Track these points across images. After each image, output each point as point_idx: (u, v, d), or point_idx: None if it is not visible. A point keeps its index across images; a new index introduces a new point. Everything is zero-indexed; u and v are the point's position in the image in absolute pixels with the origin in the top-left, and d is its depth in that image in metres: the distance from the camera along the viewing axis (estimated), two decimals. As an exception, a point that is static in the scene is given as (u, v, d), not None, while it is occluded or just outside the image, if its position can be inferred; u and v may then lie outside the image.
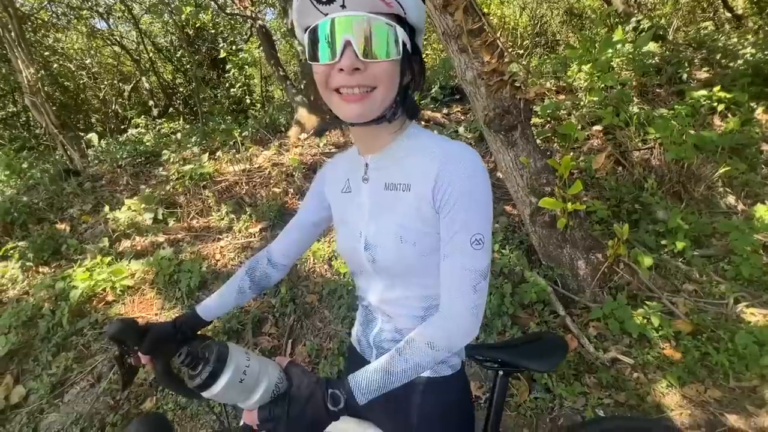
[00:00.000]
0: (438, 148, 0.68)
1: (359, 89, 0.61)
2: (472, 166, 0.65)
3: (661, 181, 3.06)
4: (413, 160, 0.70)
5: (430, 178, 0.67)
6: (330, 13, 0.57)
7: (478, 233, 0.65)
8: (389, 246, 0.71)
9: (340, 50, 0.58)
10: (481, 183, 0.66)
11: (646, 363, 1.95)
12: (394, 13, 0.59)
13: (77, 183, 3.74)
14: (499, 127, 2.28)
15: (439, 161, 0.66)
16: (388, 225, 0.72)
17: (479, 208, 0.66)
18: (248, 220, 2.97)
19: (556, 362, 0.96)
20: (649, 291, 2.34)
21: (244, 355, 0.60)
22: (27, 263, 2.83)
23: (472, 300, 0.66)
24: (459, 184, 0.65)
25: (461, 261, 0.65)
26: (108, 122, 10.38)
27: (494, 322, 2.19)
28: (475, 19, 2.05)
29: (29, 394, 1.96)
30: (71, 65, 9.90)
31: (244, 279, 0.91)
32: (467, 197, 0.65)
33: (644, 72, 4.22)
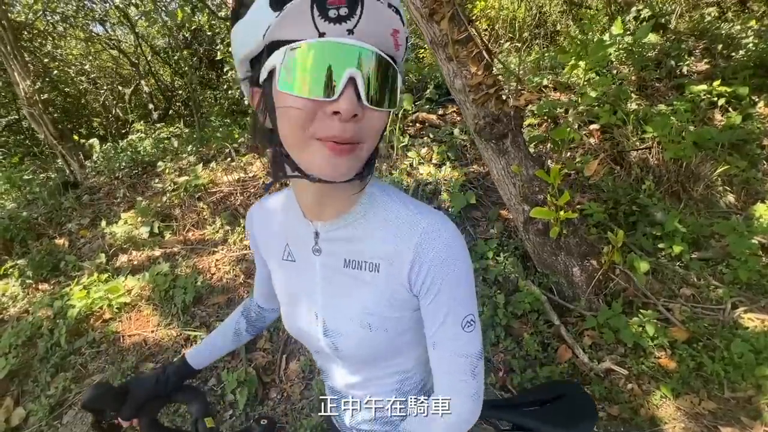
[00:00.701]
0: (411, 223, 0.58)
1: (350, 142, 0.47)
2: (453, 244, 0.57)
3: (660, 181, 3.01)
4: (382, 235, 0.59)
5: (405, 259, 0.57)
6: (328, 34, 0.42)
7: (469, 314, 0.59)
8: (353, 334, 0.62)
9: (341, 87, 0.43)
10: (463, 260, 0.58)
11: (641, 373, 1.93)
12: (392, 56, 0.47)
13: (75, 196, 3.76)
14: (490, 135, 2.25)
15: (416, 239, 0.57)
16: (351, 310, 0.62)
17: (465, 288, 0.59)
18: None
19: (585, 431, 0.81)
20: (645, 297, 2.31)
21: None
22: (27, 281, 2.87)
23: (472, 387, 0.60)
24: (441, 266, 0.56)
25: (454, 349, 0.59)
26: (109, 126, 10.42)
27: (488, 333, 2.18)
28: (461, 29, 2.01)
29: (29, 416, 2.00)
30: (71, 71, 9.94)
31: (240, 320, 0.89)
32: (452, 280, 0.57)
33: (643, 66, 4.14)
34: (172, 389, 0.80)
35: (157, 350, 2.28)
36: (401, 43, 0.47)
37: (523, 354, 2.08)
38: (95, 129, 10.72)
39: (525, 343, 2.11)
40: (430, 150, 3.52)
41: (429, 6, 2.05)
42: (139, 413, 0.77)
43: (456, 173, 3.21)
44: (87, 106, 10.74)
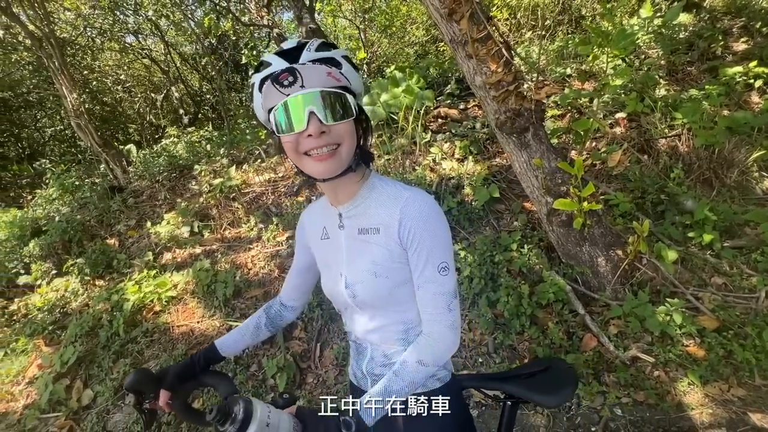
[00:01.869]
0: (398, 195, 0.81)
1: (327, 148, 0.73)
2: (428, 208, 0.78)
3: (690, 169, 2.94)
4: (379, 209, 0.82)
5: (394, 221, 0.79)
6: (291, 93, 0.70)
7: (443, 261, 0.78)
8: (366, 281, 0.83)
9: (306, 119, 0.70)
10: (437, 220, 0.79)
11: (668, 361, 1.95)
12: (342, 85, 0.74)
13: (122, 199, 4.07)
14: (511, 129, 2.29)
15: (400, 207, 0.79)
16: (364, 263, 0.83)
17: (439, 241, 0.78)
18: (275, 229, 3.15)
19: (565, 397, 0.94)
20: (674, 286, 2.30)
21: (266, 409, 0.67)
22: (85, 277, 3.16)
23: (449, 318, 0.79)
24: (419, 223, 0.77)
25: (433, 288, 0.79)
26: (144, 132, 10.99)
27: (512, 322, 2.25)
28: (480, 27, 2.06)
29: (96, 396, 2.24)
30: (108, 81, 10.53)
31: (261, 316, 1.04)
32: (428, 234, 0.77)
33: (674, 49, 4.00)
34: (200, 372, 0.92)
35: (203, 339, 2.48)
36: (338, 77, 0.73)
37: (548, 342, 2.14)
38: (131, 135, 11.34)
39: (550, 332, 2.16)
40: (452, 145, 3.57)
41: (448, 6, 2.11)
42: (172, 396, 0.88)
43: (479, 167, 3.26)
44: (123, 113, 11.35)
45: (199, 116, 10.82)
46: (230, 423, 0.64)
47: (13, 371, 2.51)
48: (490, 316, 2.33)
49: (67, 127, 10.31)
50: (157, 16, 7.09)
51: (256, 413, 0.65)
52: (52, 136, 11.07)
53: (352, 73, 0.77)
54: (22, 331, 2.82)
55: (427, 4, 2.22)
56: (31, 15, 5.09)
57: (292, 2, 4.59)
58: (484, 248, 2.62)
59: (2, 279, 3.40)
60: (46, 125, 10.85)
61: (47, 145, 10.92)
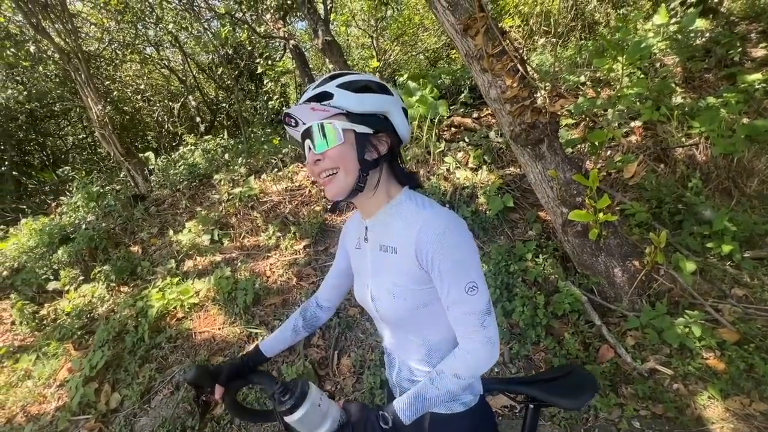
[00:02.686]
0: (416, 217, 0.81)
1: (326, 173, 0.80)
2: (445, 230, 0.76)
3: (708, 178, 2.92)
4: (397, 226, 0.83)
5: (411, 243, 0.79)
6: (299, 131, 0.82)
7: (469, 281, 0.76)
8: (385, 299, 0.85)
9: (306, 152, 0.81)
10: (457, 240, 0.76)
11: (687, 374, 1.94)
12: (334, 114, 0.78)
13: (144, 208, 4.21)
14: (526, 141, 2.32)
15: (416, 228, 0.78)
16: (384, 282, 0.85)
17: (462, 262, 0.76)
18: (293, 238, 3.22)
19: (585, 400, 0.97)
20: (692, 298, 2.29)
21: (319, 393, 0.77)
22: (111, 284, 3.29)
23: (484, 335, 0.78)
24: (437, 247, 0.76)
25: (462, 309, 0.77)
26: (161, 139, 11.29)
27: (528, 332, 2.26)
28: (495, 43, 2.10)
29: (124, 400, 2.33)
30: (128, 90, 10.88)
31: (298, 318, 1.09)
32: (448, 257, 0.76)
33: (690, 56, 3.97)
34: (249, 372, 1.01)
35: (224, 345, 2.55)
36: (326, 108, 0.77)
37: (564, 353, 2.14)
38: (149, 142, 11.66)
39: (566, 343, 2.17)
40: (466, 154, 3.61)
41: (463, 22, 2.16)
42: (225, 391, 0.97)
43: (493, 176, 3.28)
44: (142, 121, 11.69)
45: (215, 124, 11.08)
46: (290, 397, 0.73)
47: (45, 374, 2.63)
48: (505, 326, 2.35)
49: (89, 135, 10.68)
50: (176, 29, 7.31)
51: (311, 394, 0.74)
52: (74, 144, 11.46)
53: (348, 97, 0.78)
54: (53, 336, 2.94)
55: (442, 20, 2.27)
56: (59, 30, 5.32)
57: (307, 15, 4.71)
58: (499, 257, 2.64)
59: (33, 284, 3.55)
60: (68, 133, 11.25)
61: (69, 152, 11.31)
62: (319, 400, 0.75)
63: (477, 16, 2.11)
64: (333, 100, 0.78)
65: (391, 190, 0.86)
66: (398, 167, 0.87)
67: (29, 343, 3.05)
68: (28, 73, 8.06)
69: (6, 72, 8.26)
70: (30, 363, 2.76)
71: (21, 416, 2.40)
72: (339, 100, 0.78)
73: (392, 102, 0.82)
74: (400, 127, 0.84)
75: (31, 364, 2.76)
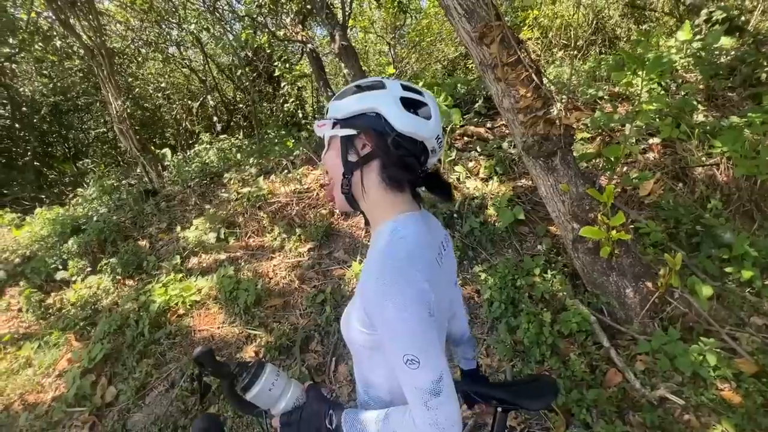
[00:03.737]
0: (374, 253, 0.72)
1: (327, 187, 0.83)
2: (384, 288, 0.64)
3: (728, 200, 2.81)
4: (367, 261, 0.75)
5: (362, 287, 0.70)
6: None
7: (409, 353, 0.63)
8: (344, 324, 0.81)
9: None
10: (394, 306, 0.63)
11: (700, 405, 1.83)
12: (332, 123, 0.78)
13: (155, 203, 4.26)
14: (538, 153, 2.26)
15: (366, 275, 0.70)
16: (351, 307, 0.79)
17: (402, 332, 0.64)
18: (298, 240, 3.21)
19: (547, 402, 1.07)
20: (708, 324, 2.18)
21: (275, 373, 0.79)
22: (116, 277, 3.31)
23: (430, 416, 0.64)
24: (374, 303, 0.66)
25: (403, 378, 0.66)
26: (179, 137, 11.51)
27: (532, 351, 2.18)
28: (510, 52, 2.06)
29: (119, 394, 2.32)
30: (149, 88, 11.14)
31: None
32: (386, 320, 0.64)
33: (714, 74, 3.86)
34: None
35: (223, 345, 2.53)
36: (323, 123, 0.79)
37: (569, 374, 2.06)
38: (167, 139, 11.90)
39: (571, 364, 2.08)
40: (477, 164, 3.55)
41: (479, 30, 2.13)
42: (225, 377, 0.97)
43: (503, 187, 3.22)
44: (161, 118, 11.94)
45: (231, 124, 11.25)
46: (245, 375, 0.78)
47: (46, 363, 2.64)
48: (509, 343, 2.27)
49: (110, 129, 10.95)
50: (198, 30, 7.47)
51: (262, 378, 0.77)
52: (95, 138, 11.75)
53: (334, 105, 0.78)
54: (56, 325, 2.97)
55: (457, 27, 2.24)
56: (85, 26, 5.48)
57: (326, 20, 4.75)
58: (506, 271, 2.57)
59: (42, 273, 3.60)
60: (90, 127, 11.55)
61: (91, 146, 11.60)
62: (271, 385, 0.77)
63: (493, 24, 2.08)
64: (328, 113, 0.80)
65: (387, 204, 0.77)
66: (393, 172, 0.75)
67: (33, 331, 3.08)
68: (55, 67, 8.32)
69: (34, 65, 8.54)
70: (32, 351, 2.79)
71: (18, 404, 2.41)
72: (330, 110, 0.79)
73: (382, 95, 0.74)
74: (393, 120, 0.73)
75: (32, 352, 2.78)
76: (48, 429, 2.22)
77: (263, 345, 2.42)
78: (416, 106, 0.77)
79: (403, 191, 0.78)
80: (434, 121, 0.77)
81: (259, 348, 2.39)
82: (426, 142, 0.77)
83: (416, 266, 0.67)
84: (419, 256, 0.69)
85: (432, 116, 0.77)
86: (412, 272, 0.66)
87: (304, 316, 2.61)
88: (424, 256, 0.71)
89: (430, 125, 0.76)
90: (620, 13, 8.56)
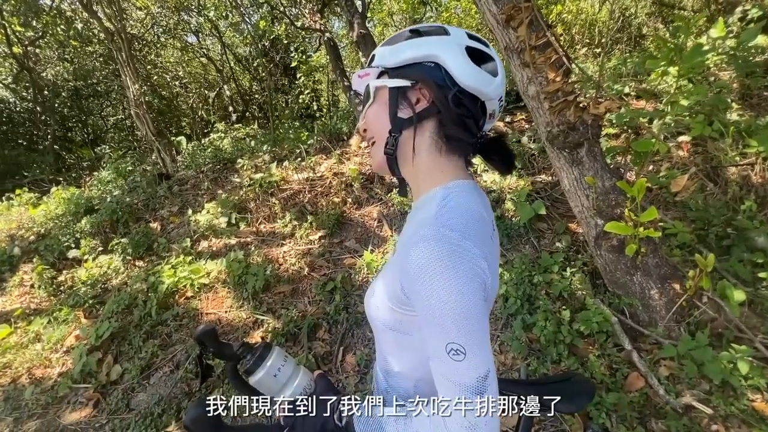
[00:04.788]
0: (424, 223, 0.58)
1: (366, 144, 0.73)
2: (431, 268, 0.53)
3: (764, 203, 2.65)
4: (409, 227, 0.65)
5: (403, 256, 0.57)
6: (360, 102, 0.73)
7: (451, 342, 0.54)
8: (368, 298, 0.73)
9: None
10: (443, 286, 0.53)
11: (729, 415, 1.72)
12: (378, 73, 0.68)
13: (168, 186, 4.26)
14: (563, 144, 2.16)
15: (407, 250, 0.56)
16: (380, 282, 0.70)
17: (450, 316, 0.53)
18: (309, 227, 3.15)
19: (582, 404, 0.96)
20: (739, 331, 2.05)
21: (282, 358, 0.73)
22: (127, 257, 3.31)
23: (462, 418, 0.54)
24: (419, 282, 0.54)
25: (441, 369, 0.56)
26: (195, 126, 11.60)
27: (549, 349, 2.08)
28: (539, 34, 1.96)
29: (124, 373, 2.30)
30: (167, 76, 11.25)
31: None
32: (432, 303, 0.54)
33: (749, 72, 3.67)
34: None
35: (229, 329, 2.50)
36: (367, 72, 0.69)
37: (587, 376, 1.96)
38: (183, 128, 12.01)
39: (590, 365, 1.98)
40: (495, 157, 3.45)
41: (506, 12, 2.03)
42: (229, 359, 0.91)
43: (522, 182, 3.11)
44: (178, 107, 12.06)
45: (246, 114, 11.30)
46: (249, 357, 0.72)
47: (54, 338, 2.65)
48: (524, 340, 2.18)
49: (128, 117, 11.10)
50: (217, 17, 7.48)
51: (268, 361, 0.71)
52: (114, 125, 11.93)
53: (384, 52, 0.67)
54: (66, 302, 2.97)
55: (483, 10, 2.15)
56: (107, 11, 5.51)
57: (345, 7, 4.68)
58: (523, 267, 2.47)
59: (55, 251, 3.62)
60: (110, 114, 11.73)
61: (109, 132, 11.79)
62: (277, 370, 0.71)
63: (522, 5, 1.98)
64: (374, 60, 0.69)
65: (438, 170, 0.65)
66: (453, 131, 0.64)
67: (44, 306, 3.09)
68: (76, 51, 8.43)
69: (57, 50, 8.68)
70: (41, 326, 2.79)
71: (25, 377, 2.42)
72: (377, 58, 0.68)
73: (444, 42, 0.63)
74: (456, 72, 0.61)
75: (42, 327, 2.79)
76: (53, 404, 2.22)
77: (270, 331, 2.37)
78: (483, 59, 0.65)
79: (459, 156, 0.67)
80: (500, 79, 0.66)
81: (266, 333, 2.34)
82: (488, 103, 0.66)
83: (473, 240, 0.56)
84: (476, 230, 0.58)
85: (498, 73, 0.67)
86: (468, 246, 0.55)
87: (312, 304, 2.56)
88: (480, 230, 0.59)
89: (496, 82, 0.65)
90: (647, 11, 8.29)
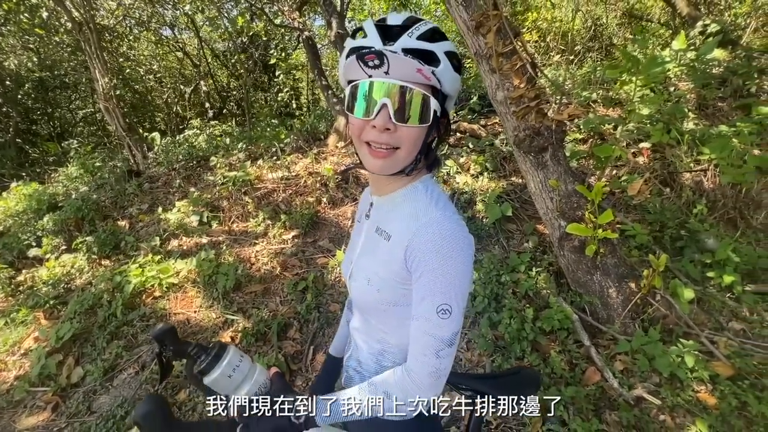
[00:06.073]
0: (425, 210, 0.71)
1: (385, 147, 0.68)
2: (443, 240, 0.67)
3: (714, 207, 2.83)
4: (401, 214, 0.75)
5: (406, 236, 0.70)
6: (374, 76, 0.65)
7: (445, 303, 0.67)
8: (359, 283, 0.79)
9: (376, 110, 0.66)
10: (452, 256, 0.66)
11: (676, 406, 1.83)
12: (430, 85, 0.66)
13: (137, 184, 4.14)
14: (529, 148, 2.24)
15: (418, 224, 0.69)
16: (366, 265, 0.79)
17: (448, 280, 0.66)
18: (282, 227, 3.14)
19: (529, 394, 1.01)
20: (687, 327, 2.18)
21: (238, 357, 0.74)
22: (92, 256, 3.20)
23: (434, 365, 0.68)
24: (427, 256, 0.67)
25: (426, 327, 0.68)
26: (170, 122, 11.27)
27: (513, 346, 2.16)
28: (506, 42, 2.03)
29: (86, 375, 2.23)
30: (141, 70, 10.87)
31: (347, 313, 1.06)
32: (436, 269, 0.66)
33: (705, 83, 3.89)
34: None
35: (198, 329, 2.46)
36: (429, 75, 0.64)
37: (548, 372, 2.04)
38: (157, 123, 11.64)
39: (551, 361, 2.06)
40: (468, 160, 3.53)
41: (476, 19, 2.09)
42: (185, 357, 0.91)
43: (493, 184, 3.20)
44: (152, 102, 11.68)
45: (223, 111, 11.06)
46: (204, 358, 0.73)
47: (10, 341, 2.54)
48: (490, 338, 2.25)
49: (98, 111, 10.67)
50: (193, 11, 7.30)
51: (223, 361, 0.72)
52: (82, 118, 11.44)
53: (449, 73, 0.67)
54: (25, 303, 2.85)
55: (455, 16, 2.20)
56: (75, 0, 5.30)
57: (324, 7, 4.67)
58: (491, 267, 2.55)
59: (14, 249, 3.46)
60: (78, 107, 11.24)
61: (77, 126, 11.29)
62: (232, 370, 0.72)
63: (490, 13, 2.04)
64: (439, 69, 0.65)
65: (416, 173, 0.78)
66: (434, 151, 0.78)
67: (0, 308, 2.96)
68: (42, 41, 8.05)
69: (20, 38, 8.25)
70: (-3, 328, 2.67)
71: (-22, 382, 2.31)
72: (444, 72, 0.65)
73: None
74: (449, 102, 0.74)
75: (-2, 329, 2.67)
76: (8, 408, 2.13)
77: (240, 330, 2.35)
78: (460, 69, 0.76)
79: None
80: None
81: (236, 333, 2.32)
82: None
83: (461, 219, 0.72)
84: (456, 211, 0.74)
85: None
86: (463, 224, 0.71)
87: (284, 304, 2.55)
88: None
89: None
90: (618, 22, 8.64)
